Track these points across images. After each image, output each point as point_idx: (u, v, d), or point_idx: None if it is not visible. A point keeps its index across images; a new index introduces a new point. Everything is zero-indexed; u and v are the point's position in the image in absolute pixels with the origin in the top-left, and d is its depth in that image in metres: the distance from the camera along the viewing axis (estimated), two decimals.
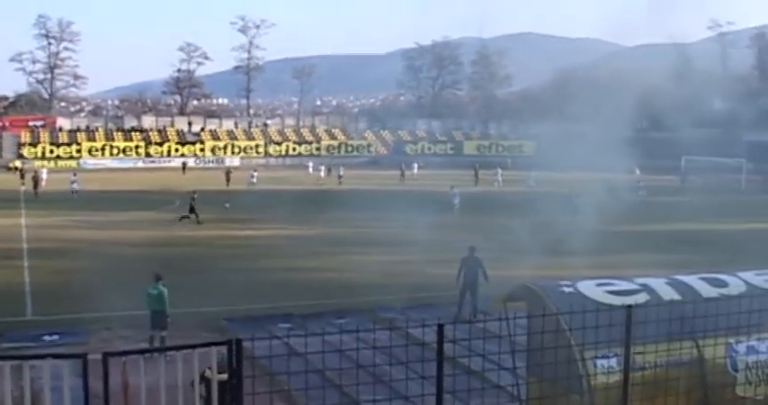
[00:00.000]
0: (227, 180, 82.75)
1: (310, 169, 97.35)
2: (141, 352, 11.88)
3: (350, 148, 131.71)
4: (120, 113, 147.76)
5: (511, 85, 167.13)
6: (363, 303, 28.63)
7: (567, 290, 14.79)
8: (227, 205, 57.71)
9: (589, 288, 14.80)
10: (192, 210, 52.79)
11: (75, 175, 71.36)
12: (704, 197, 68.22)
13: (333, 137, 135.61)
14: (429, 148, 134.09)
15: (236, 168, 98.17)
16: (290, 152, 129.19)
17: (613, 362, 13.10)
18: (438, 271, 33.43)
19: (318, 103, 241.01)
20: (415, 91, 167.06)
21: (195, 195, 54.07)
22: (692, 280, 15.73)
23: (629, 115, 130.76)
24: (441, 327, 10.44)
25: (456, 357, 14.46)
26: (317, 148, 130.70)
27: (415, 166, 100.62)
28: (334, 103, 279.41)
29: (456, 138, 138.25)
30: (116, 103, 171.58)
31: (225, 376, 15.16)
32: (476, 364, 16.20)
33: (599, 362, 13.38)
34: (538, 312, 13.80)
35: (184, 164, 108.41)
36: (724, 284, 15.52)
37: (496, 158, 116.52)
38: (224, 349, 10.70)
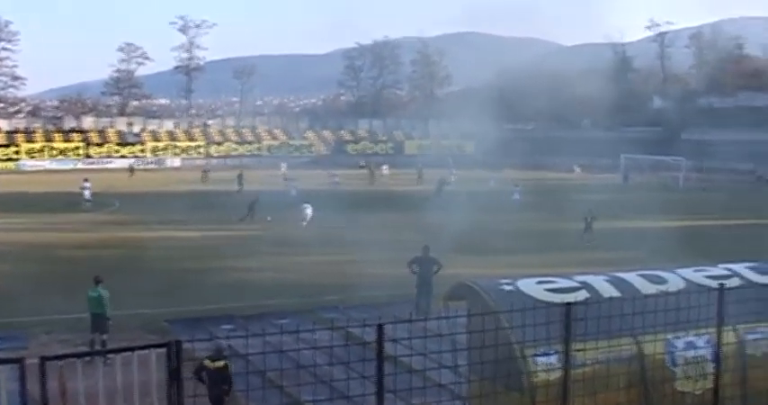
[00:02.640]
0: (204, 180, 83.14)
1: (282, 169, 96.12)
2: (79, 355, 11.74)
3: (291, 149, 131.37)
4: (59, 114, 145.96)
5: (451, 84, 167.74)
6: (305, 304, 28.53)
7: (507, 288, 14.82)
8: (269, 219, 53.76)
9: (529, 286, 14.84)
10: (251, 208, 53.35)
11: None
12: (643, 195, 68.78)
13: (274, 137, 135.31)
14: (370, 148, 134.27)
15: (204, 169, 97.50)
16: (232, 153, 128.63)
17: (554, 359, 13.14)
18: (379, 270, 33.43)
19: (259, 103, 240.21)
20: (355, 90, 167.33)
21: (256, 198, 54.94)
22: (631, 277, 15.84)
23: (569, 114, 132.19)
24: (380, 326, 10.42)
25: (397, 356, 14.45)
26: (258, 149, 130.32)
27: (385, 166, 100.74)
28: (275, 103, 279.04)
29: (397, 137, 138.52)
30: (55, 103, 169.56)
31: (221, 363, 15.42)
32: (418, 362, 16.18)
33: (539, 359, 13.39)
34: (478, 311, 13.83)
35: (131, 166, 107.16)
36: (663, 281, 15.65)
37: (437, 158, 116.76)
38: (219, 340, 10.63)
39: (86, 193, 61.92)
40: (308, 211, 51.92)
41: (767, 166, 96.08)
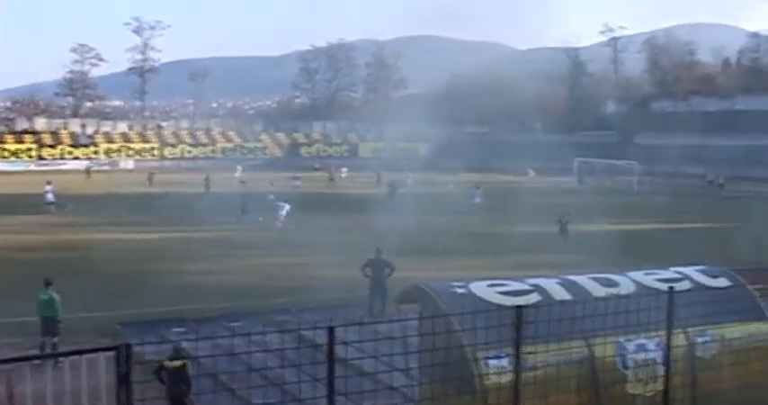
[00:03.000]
0: (150, 181, 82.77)
1: (238, 172, 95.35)
2: (28, 359, 11.60)
3: (245, 151, 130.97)
4: (11, 116, 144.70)
5: (407, 87, 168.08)
6: (257, 306, 28.38)
7: (459, 291, 14.83)
8: (261, 219, 53.48)
9: (481, 289, 14.86)
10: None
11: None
12: (598, 198, 69.16)
13: (228, 139, 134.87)
14: (324, 151, 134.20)
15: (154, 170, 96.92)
16: (186, 155, 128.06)
17: (505, 362, 13.15)
18: (333, 273, 33.36)
19: (214, 105, 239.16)
20: (310, 93, 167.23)
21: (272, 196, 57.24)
22: (583, 280, 15.94)
23: (524, 118, 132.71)
24: (331, 329, 10.38)
25: (350, 359, 14.42)
26: (213, 151, 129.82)
27: (344, 169, 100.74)
28: (229, 105, 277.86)
29: (351, 140, 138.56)
30: (7, 104, 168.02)
31: (180, 363, 15.34)
32: (370, 365, 16.16)
33: (491, 362, 13.43)
34: (430, 313, 13.84)
35: (88, 168, 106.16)
36: (614, 284, 15.75)
37: (390, 161, 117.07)
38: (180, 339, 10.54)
39: (49, 196, 61.17)
40: (283, 211, 52.86)
41: (718, 170, 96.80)
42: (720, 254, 35.80)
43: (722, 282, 16.73)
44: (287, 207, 53.59)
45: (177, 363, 15.86)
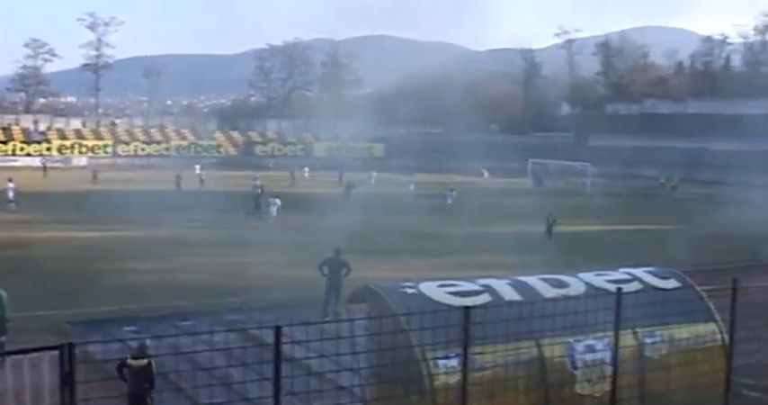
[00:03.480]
0: (94, 179, 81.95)
1: (197, 170, 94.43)
2: None
3: (199, 149, 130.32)
4: None
5: (361, 87, 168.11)
6: (210, 305, 28.25)
7: (409, 291, 14.84)
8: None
9: (431, 289, 14.86)
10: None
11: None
12: (553, 199, 69.49)
13: (182, 137, 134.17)
14: (279, 150, 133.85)
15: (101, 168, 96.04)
16: (139, 152, 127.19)
17: (454, 362, 13.14)
18: (286, 272, 33.30)
19: (168, 102, 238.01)
20: (265, 92, 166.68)
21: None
22: (533, 281, 15.99)
23: (479, 118, 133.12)
24: (278, 328, 10.36)
25: (300, 359, 14.38)
26: (167, 149, 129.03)
27: (306, 168, 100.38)
28: (184, 103, 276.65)
29: (306, 139, 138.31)
30: None
31: (145, 362, 15.19)
32: (320, 365, 16.12)
33: (440, 362, 13.42)
34: (380, 313, 13.83)
35: (44, 164, 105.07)
36: (564, 285, 15.82)
37: (345, 160, 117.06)
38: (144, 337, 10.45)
39: (10, 194, 60.36)
40: (274, 207, 54.53)
41: (670, 172, 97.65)
42: (670, 255, 36.11)
43: (671, 283, 16.86)
44: (278, 202, 55.01)
45: (142, 362, 15.73)
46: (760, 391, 18.57)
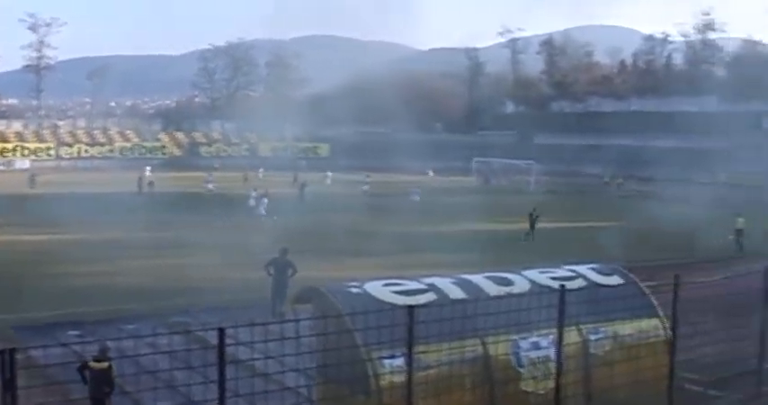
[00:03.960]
0: (32, 183, 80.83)
1: (147, 172, 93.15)
2: None
3: (144, 151, 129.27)
4: None
5: (306, 87, 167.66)
6: (156, 308, 28.02)
7: (354, 291, 14.83)
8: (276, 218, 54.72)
9: (376, 288, 14.87)
10: None
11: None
12: (500, 197, 69.83)
13: (126, 139, 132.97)
14: (224, 150, 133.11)
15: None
16: (83, 154, 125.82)
17: (400, 361, 13.14)
18: (232, 274, 33.17)
19: (112, 104, 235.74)
20: (209, 92, 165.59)
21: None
22: (478, 279, 16.03)
23: (423, 117, 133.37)
24: (221, 330, 10.33)
25: (246, 360, 14.32)
26: (110, 151, 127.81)
27: (261, 169, 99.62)
28: (128, 104, 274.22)
29: (251, 140, 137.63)
30: None
31: (105, 364, 15.06)
32: (267, 366, 16.05)
33: (386, 362, 13.43)
34: (326, 313, 13.81)
35: None
36: (509, 283, 15.89)
37: (291, 160, 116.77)
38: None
39: None
40: (263, 206, 56.23)
41: (614, 169, 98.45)
42: (614, 252, 36.36)
43: (614, 279, 17.00)
44: (265, 201, 56.64)
45: (103, 364, 15.65)
46: (702, 385, 18.75)
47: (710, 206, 63.91)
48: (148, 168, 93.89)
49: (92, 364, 15.63)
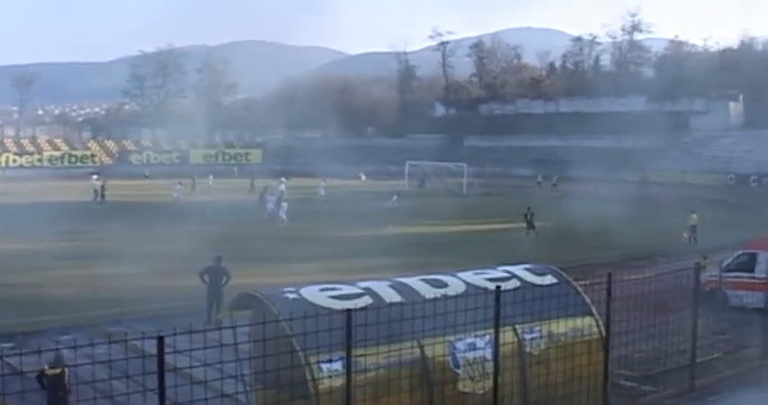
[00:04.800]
0: None
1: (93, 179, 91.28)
2: None
3: (73, 159, 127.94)
4: None
5: (237, 93, 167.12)
6: (90, 318, 27.74)
7: (290, 296, 14.85)
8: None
9: (313, 293, 14.91)
10: None
11: None
12: (435, 200, 70.11)
13: (55, 147, 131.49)
14: (155, 158, 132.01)
15: None
16: (11, 164, 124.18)
17: (338, 365, 13.21)
18: (165, 282, 32.98)
19: (40, 112, 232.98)
20: (140, 99, 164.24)
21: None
22: (413, 282, 16.13)
23: (355, 122, 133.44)
24: (161, 338, 10.30)
25: (184, 368, 14.27)
26: (39, 160, 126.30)
27: (210, 176, 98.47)
28: (56, 112, 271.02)
29: (182, 147, 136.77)
30: None
31: (59, 370, 15.05)
32: (205, 374, 16.00)
33: (324, 366, 13.45)
34: (263, 319, 13.81)
35: None
36: (444, 285, 15.97)
37: (221, 167, 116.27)
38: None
39: None
40: (282, 211, 58.51)
41: (546, 171, 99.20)
42: (549, 251, 36.71)
43: (548, 279, 17.14)
44: (285, 205, 59.18)
45: (57, 370, 15.73)
46: (636, 380, 19.06)
47: (643, 204, 64.94)
48: (95, 177, 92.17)
49: (47, 370, 15.76)
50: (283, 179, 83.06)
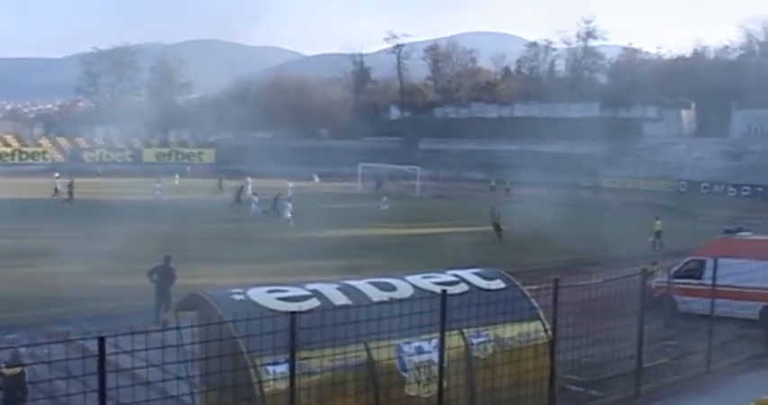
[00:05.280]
0: None
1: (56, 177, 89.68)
2: None
3: (24, 156, 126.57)
4: None
5: (191, 92, 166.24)
6: (37, 317, 27.42)
7: (237, 297, 14.78)
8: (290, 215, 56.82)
9: (260, 295, 14.86)
10: None
11: None
12: (392, 203, 70.07)
13: (6, 143, 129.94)
14: (107, 156, 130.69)
15: None
16: None
17: (284, 368, 13.13)
18: (114, 281, 32.71)
19: None
20: (93, 97, 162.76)
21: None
22: (361, 284, 16.11)
23: (309, 123, 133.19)
24: (101, 339, 10.21)
25: (130, 369, 14.13)
26: None
27: (177, 175, 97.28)
28: (8, 108, 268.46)
29: (135, 145, 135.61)
30: None
31: (18, 370, 14.86)
32: (151, 375, 15.86)
33: (270, 368, 13.41)
34: (209, 320, 13.73)
35: None
36: (392, 288, 15.97)
37: (175, 166, 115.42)
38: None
39: None
40: (288, 211, 58.94)
41: (499, 175, 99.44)
42: (500, 255, 36.82)
43: (496, 283, 17.20)
44: (290, 206, 59.70)
45: (16, 370, 15.54)
46: (583, 385, 19.14)
47: (595, 210, 65.38)
48: (56, 174, 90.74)
49: (4, 370, 15.55)
50: (248, 179, 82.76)
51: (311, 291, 15.36)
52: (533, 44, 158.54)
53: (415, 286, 16.25)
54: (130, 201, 66.27)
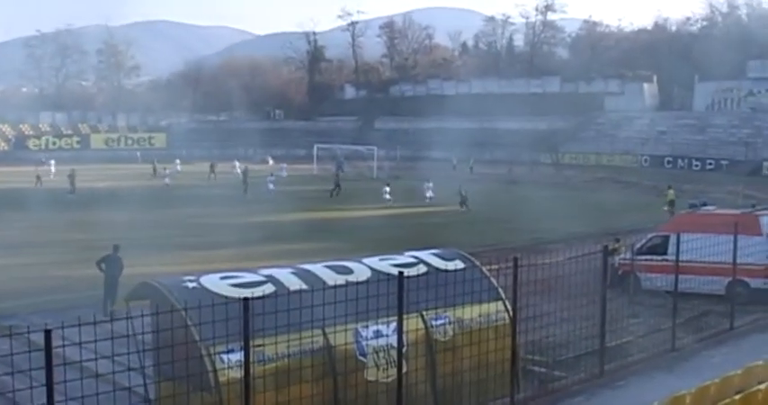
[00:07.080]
0: None
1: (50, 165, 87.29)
2: None
3: None
4: None
5: (139, 75, 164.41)
6: None
7: (190, 285, 14.50)
8: None
9: (213, 282, 14.60)
10: None
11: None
12: (348, 185, 69.62)
13: None
14: (54, 143, 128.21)
15: None
16: None
17: (239, 356, 12.79)
18: (63, 272, 32.14)
19: None
20: (37, 82, 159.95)
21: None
22: (317, 268, 15.86)
23: (263, 104, 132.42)
24: (48, 332, 9.87)
25: (79, 361, 13.70)
26: None
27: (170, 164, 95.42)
28: None
29: (82, 131, 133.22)
30: None
31: None
32: (104, 367, 15.44)
33: (224, 356, 13.20)
34: (161, 309, 13.38)
35: None
36: (349, 271, 15.69)
37: (125, 152, 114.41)
38: None
39: None
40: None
41: (459, 153, 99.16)
42: (460, 236, 36.62)
43: (456, 264, 16.95)
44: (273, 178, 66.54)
45: None
46: (546, 365, 18.92)
47: (557, 187, 65.64)
48: (52, 162, 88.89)
49: None
50: (237, 162, 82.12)
51: (266, 276, 15.07)
52: (491, 19, 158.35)
53: (372, 269, 15.98)
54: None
